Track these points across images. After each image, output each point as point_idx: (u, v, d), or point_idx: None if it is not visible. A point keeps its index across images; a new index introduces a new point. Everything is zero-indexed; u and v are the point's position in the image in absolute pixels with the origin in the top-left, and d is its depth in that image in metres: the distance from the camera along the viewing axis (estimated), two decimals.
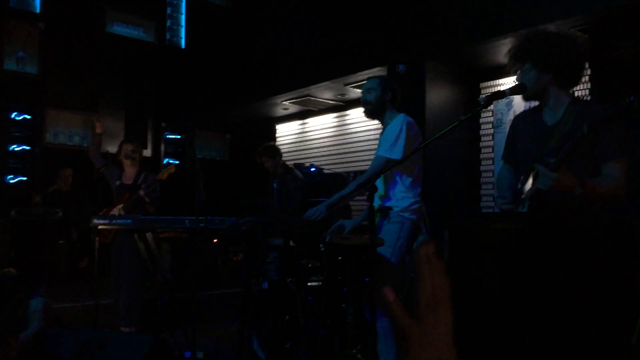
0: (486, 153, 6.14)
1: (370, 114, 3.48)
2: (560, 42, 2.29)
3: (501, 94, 2.32)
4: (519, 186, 2.32)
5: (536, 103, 2.38)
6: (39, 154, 7.93)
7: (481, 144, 6.17)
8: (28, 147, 7.83)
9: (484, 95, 2.24)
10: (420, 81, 5.90)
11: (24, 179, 7.73)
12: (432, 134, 3.58)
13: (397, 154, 3.21)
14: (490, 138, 6.08)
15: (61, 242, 6.72)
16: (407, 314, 0.67)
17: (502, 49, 3.13)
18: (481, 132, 6.15)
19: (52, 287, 6.00)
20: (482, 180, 6.17)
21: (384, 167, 3.16)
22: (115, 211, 4.86)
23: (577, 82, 2.38)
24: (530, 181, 2.25)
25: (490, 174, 6.04)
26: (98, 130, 5.25)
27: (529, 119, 2.44)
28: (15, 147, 7.74)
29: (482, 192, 6.15)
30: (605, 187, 2.09)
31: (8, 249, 6.05)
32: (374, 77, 3.58)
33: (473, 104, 2.20)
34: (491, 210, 5.72)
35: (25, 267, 5.99)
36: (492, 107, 5.87)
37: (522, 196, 2.25)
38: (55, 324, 3.67)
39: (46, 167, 7.69)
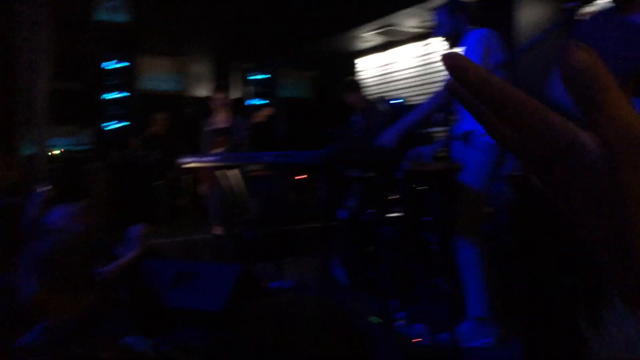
0: None
1: (451, 47, 3.24)
2: None
3: None
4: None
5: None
6: (134, 100, 8.32)
7: None
8: (123, 94, 8.22)
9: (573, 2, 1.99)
10: None
11: (122, 124, 8.17)
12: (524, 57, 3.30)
13: None
14: None
15: (159, 182, 7.08)
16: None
17: None
18: None
19: (151, 224, 6.41)
20: None
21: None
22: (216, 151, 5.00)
23: None
24: None
25: None
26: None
27: (606, 22, 2.15)
28: (111, 94, 8.16)
29: None
30: None
31: (110, 191, 6.47)
32: (440, 7, 3.26)
33: (566, 7, 1.95)
34: None
35: (126, 208, 6.44)
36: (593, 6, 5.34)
37: None
38: (152, 255, 3.91)
39: (141, 112, 8.06)
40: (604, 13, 2.18)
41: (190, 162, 4.13)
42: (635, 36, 2.05)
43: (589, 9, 2.16)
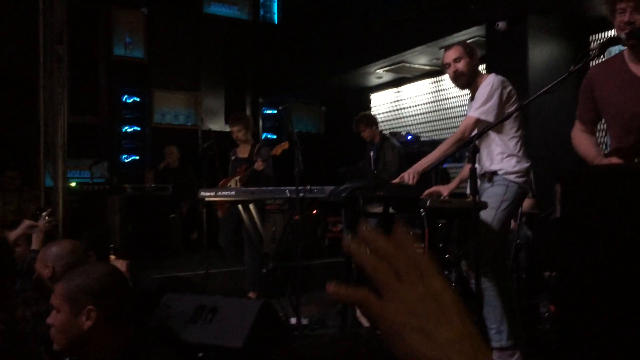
0: None
1: (464, 85, 3.30)
2: None
3: (616, 41, 2.12)
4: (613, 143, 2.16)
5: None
6: (148, 134, 8.44)
7: None
8: (139, 128, 8.35)
9: (595, 44, 2.07)
10: (523, 38, 5.56)
11: (137, 157, 8.28)
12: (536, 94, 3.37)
13: (487, 114, 3.06)
14: None
15: (172, 215, 7.13)
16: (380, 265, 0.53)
17: None
18: None
19: (166, 258, 6.43)
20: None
21: (472, 128, 3.06)
22: (232, 183, 5.05)
23: None
24: None
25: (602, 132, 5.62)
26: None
27: (611, 71, 2.22)
28: (127, 128, 8.29)
29: None
30: None
31: (125, 224, 6.52)
32: (454, 45, 3.33)
33: (583, 54, 2.04)
34: None
35: (140, 240, 6.47)
36: (603, 57, 5.43)
37: None
38: (172, 290, 3.91)
39: (155, 145, 8.17)
40: (612, 60, 2.25)
41: (211, 195, 4.17)
42: (634, 88, 2.12)
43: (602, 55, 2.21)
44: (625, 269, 1.61)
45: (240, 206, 4.38)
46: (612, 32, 5.44)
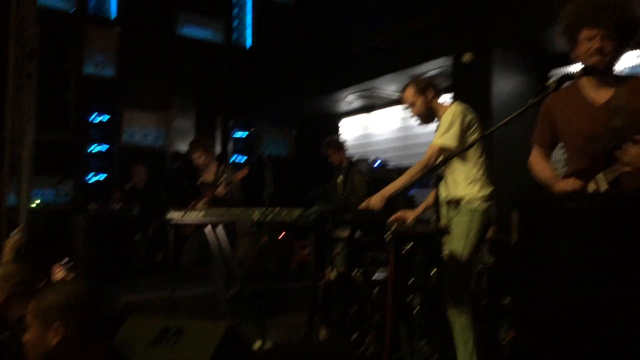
0: None
1: (427, 122, 3.42)
2: (629, 3, 2.17)
3: (571, 76, 2.24)
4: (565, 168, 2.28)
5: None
6: (116, 153, 8.36)
7: None
8: (107, 147, 8.27)
9: (553, 79, 2.18)
10: (487, 70, 5.77)
11: (104, 177, 8.18)
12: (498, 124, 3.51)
13: (450, 140, 3.17)
14: None
15: (138, 236, 7.03)
16: None
17: None
18: None
19: (130, 279, 6.32)
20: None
21: (437, 155, 3.16)
22: (200, 205, 5.04)
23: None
24: (595, 162, 2.18)
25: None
26: None
27: (568, 97, 2.35)
28: (95, 147, 8.20)
29: None
30: None
31: (89, 244, 6.40)
32: (406, 87, 3.44)
33: (542, 87, 2.16)
34: None
35: (104, 261, 6.36)
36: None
37: (599, 177, 2.17)
38: (136, 312, 3.86)
39: (123, 165, 8.10)
40: (569, 87, 2.37)
41: (180, 217, 4.16)
42: (589, 113, 2.25)
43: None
44: (578, 295, 1.68)
45: (208, 228, 4.38)
46: (570, 68, 5.71)
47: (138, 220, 7.08)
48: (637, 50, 5.19)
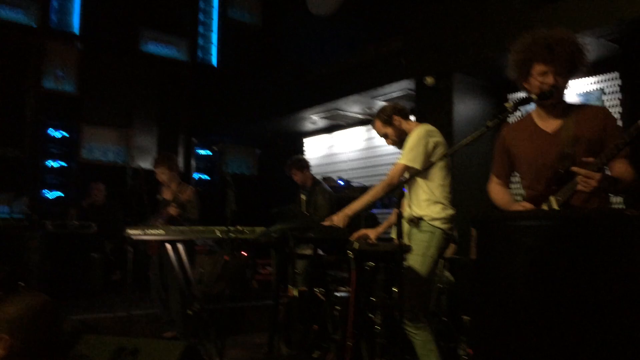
0: None
1: (401, 145, 3.48)
2: (577, 43, 2.32)
3: (528, 100, 2.34)
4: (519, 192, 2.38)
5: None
6: (75, 170, 8.17)
7: None
8: (65, 163, 8.07)
9: (510, 102, 2.28)
10: (448, 93, 5.92)
11: (61, 193, 7.96)
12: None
13: (414, 161, 3.23)
14: None
15: (95, 254, 6.86)
16: None
17: None
18: None
19: (86, 298, 6.14)
20: (511, 187, 6.12)
21: (400, 174, 3.22)
22: (160, 223, 4.96)
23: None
24: (550, 186, 2.29)
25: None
26: None
27: (522, 128, 2.48)
28: (52, 163, 7.99)
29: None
30: (631, 182, 2.19)
31: (44, 262, 6.20)
32: (374, 122, 3.60)
33: (500, 110, 2.25)
34: None
35: (59, 279, 6.16)
36: (518, 113, 5.85)
37: (552, 199, 2.27)
38: (91, 331, 3.75)
39: (82, 182, 7.91)
40: (522, 119, 2.51)
41: (139, 234, 4.08)
42: (542, 141, 2.36)
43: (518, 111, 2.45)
44: (532, 311, 1.72)
45: (168, 245, 4.30)
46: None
47: (95, 238, 6.91)
48: (589, 77, 5.42)
